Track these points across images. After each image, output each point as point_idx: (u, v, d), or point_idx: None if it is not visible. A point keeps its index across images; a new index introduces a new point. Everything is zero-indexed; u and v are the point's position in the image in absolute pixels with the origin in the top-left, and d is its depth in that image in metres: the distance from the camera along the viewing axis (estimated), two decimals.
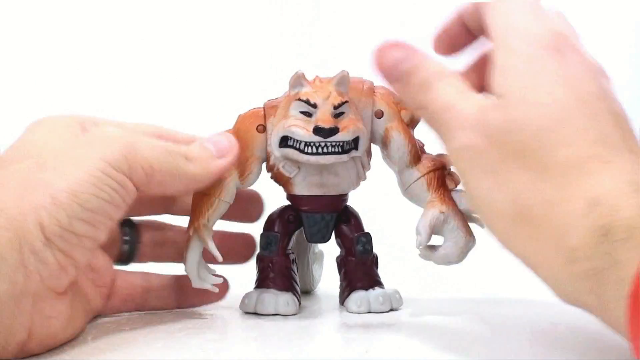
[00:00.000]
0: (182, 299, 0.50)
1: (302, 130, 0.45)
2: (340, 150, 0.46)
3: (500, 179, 0.36)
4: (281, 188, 0.50)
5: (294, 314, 0.48)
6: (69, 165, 0.39)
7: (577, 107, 0.35)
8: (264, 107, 0.48)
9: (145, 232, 0.52)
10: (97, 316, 0.47)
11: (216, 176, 0.45)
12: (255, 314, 0.48)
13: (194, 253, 0.48)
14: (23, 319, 0.36)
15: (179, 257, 0.49)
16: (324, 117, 0.45)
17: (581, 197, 0.33)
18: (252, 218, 0.53)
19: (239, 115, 0.49)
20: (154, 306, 0.50)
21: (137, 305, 0.49)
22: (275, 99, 0.49)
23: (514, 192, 0.36)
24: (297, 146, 0.46)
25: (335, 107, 0.46)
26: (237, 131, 0.48)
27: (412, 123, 0.49)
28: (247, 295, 0.49)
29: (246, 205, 0.52)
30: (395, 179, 0.50)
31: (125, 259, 0.52)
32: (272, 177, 0.49)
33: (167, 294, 0.50)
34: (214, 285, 0.48)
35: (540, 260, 0.36)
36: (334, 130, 0.45)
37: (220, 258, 0.47)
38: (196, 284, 0.48)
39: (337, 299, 0.51)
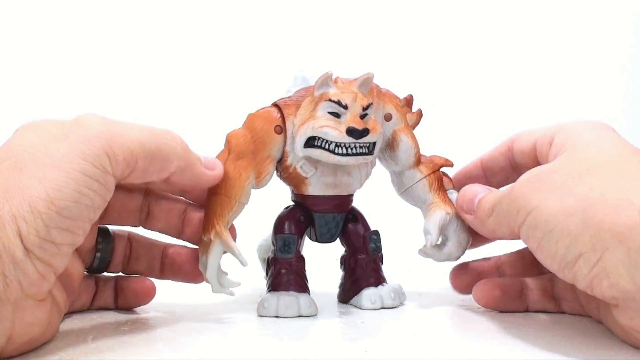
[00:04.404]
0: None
1: (334, 131, 0.45)
2: (367, 151, 0.46)
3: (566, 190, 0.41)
4: (283, 190, 0.49)
5: (315, 315, 0.48)
6: (48, 169, 0.38)
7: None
8: (278, 107, 0.47)
9: (119, 244, 0.49)
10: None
11: (200, 180, 0.45)
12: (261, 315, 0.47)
13: (215, 257, 0.46)
14: (3, 325, 0.37)
15: (149, 271, 0.49)
16: (355, 119, 0.45)
17: None
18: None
19: (249, 114, 0.48)
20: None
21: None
22: (286, 97, 0.48)
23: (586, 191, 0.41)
24: (327, 147, 0.45)
25: (364, 109, 0.46)
26: (253, 131, 0.47)
27: (413, 125, 0.51)
28: (265, 299, 0.47)
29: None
30: (388, 179, 0.52)
31: (96, 269, 0.49)
32: (283, 177, 0.49)
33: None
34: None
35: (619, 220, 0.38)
36: (365, 132, 0.45)
37: (246, 263, 0.46)
38: (217, 289, 0.46)
39: (335, 298, 0.51)
